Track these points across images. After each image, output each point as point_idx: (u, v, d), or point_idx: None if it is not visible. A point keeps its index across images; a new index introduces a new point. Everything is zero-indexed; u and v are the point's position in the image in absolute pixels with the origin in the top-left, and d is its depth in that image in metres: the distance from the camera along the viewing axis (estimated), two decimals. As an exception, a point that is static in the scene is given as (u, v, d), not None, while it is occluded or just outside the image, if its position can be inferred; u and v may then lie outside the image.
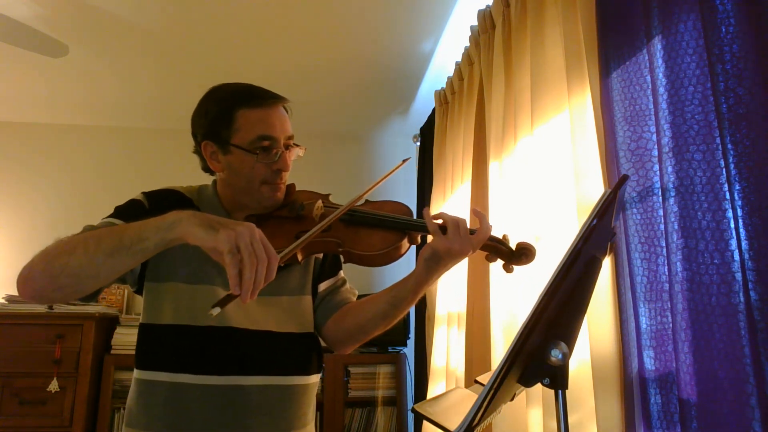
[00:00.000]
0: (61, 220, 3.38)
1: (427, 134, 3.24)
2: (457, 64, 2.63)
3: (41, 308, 2.85)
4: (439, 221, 1.10)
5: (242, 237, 0.84)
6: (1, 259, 3.36)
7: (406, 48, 2.72)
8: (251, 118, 1.12)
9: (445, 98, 2.85)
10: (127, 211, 1.11)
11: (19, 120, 3.60)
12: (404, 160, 1.27)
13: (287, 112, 1.20)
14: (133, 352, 1.15)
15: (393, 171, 1.24)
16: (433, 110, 3.12)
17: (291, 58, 2.82)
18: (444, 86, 2.86)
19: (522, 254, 1.12)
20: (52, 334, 2.80)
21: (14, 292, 2.97)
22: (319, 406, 3.03)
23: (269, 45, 2.70)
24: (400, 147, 3.74)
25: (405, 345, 3.27)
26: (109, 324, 3.02)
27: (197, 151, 1.19)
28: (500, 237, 1.14)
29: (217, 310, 0.82)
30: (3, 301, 2.95)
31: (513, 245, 1.14)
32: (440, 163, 2.77)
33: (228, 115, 1.12)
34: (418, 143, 3.49)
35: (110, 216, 1.11)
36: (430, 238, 1.12)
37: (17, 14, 2.34)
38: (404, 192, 3.65)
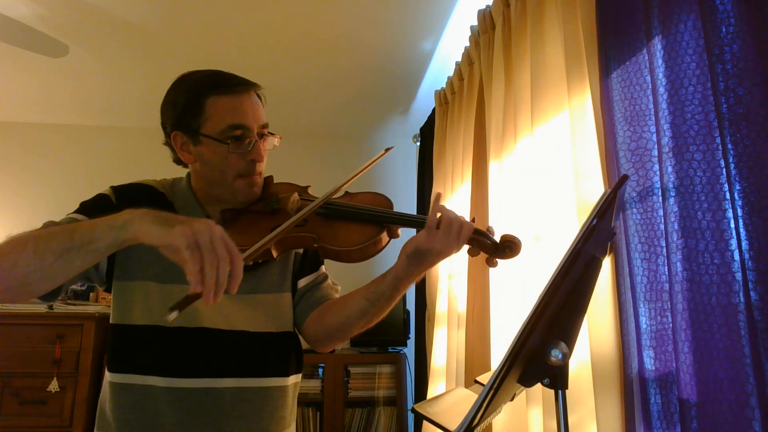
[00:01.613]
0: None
1: (427, 134, 3.24)
2: (457, 64, 2.63)
3: (41, 308, 2.85)
4: (438, 214, 1.03)
5: (200, 233, 0.79)
6: None
7: (406, 48, 2.72)
8: (221, 105, 1.07)
9: (445, 98, 2.85)
10: (93, 206, 1.06)
11: (15, 120, 3.60)
12: (387, 149, 1.22)
13: (261, 99, 1.14)
14: None
15: (373, 162, 1.18)
16: (433, 110, 3.11)
17: (290, 59, 2.82)
18: (444, 86, 2.86)
19: (506, 247, 1.05)
20: (52, 334, 2.80)
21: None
22: (319, 406, 3.03)
23: (268, 46, 2.70)
24: (400, 147, 3.74)
25: (405, 345, 3.27)
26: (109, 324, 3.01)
27: (168, 142, 1.14)
28: (484, 229, 1.08)
29: (174, 315, 0.76)
30: (3, 301, 2.95)
31: (497, 238, 1.08)
32: (440, 163, 2.76)
33: (197, 103, 1.07)
34: (418, 143, 3.49)
35: (75, 212, 1.06)
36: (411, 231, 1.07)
37: (17, 14, 2.34)
38: (404, 192, 3.66)
